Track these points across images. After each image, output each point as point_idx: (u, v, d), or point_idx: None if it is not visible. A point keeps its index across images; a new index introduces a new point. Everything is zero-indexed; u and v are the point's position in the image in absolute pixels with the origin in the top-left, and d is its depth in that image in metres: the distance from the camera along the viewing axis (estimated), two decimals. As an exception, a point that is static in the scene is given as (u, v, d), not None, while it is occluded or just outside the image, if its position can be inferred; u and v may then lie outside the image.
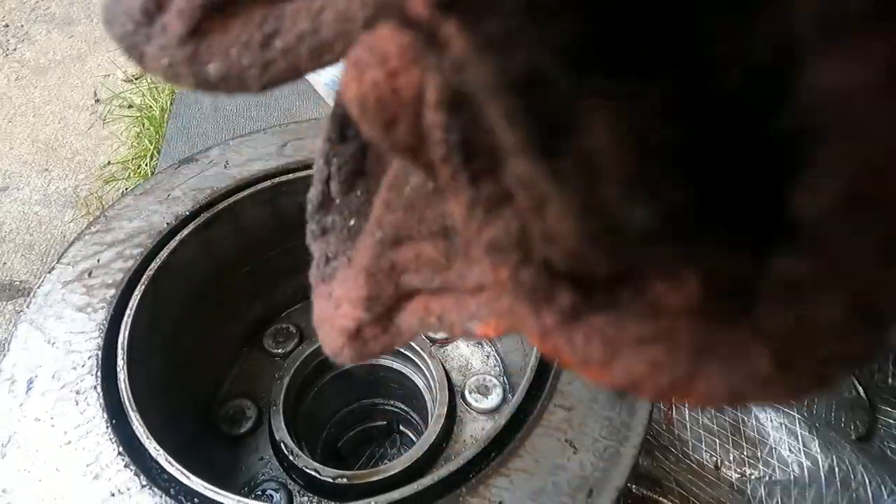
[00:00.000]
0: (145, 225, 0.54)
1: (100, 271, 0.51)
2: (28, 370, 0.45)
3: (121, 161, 1.71)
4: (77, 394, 0.44)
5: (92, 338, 0.47)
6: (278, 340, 0.66)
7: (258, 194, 0.57)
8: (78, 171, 1.72)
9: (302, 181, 0.59)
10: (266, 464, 0.58)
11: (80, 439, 0.42)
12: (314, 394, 0.65)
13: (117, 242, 0.52)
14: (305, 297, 0.70)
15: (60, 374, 0.45)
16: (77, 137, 1.81)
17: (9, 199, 1.65)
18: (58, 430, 0.42)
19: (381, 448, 0.78)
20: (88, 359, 0.45)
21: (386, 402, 0.73)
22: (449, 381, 0.60)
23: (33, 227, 1.59)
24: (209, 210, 0.55)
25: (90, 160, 1.75)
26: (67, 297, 0.49)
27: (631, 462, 0.41)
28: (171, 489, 0.40)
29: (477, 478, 0.40)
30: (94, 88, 1.96)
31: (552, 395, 0.44)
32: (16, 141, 1.80)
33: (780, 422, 0.80)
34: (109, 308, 0.48)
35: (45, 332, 0.47)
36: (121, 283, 0.50)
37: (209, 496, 0.39)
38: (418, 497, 0.39)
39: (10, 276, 1.49)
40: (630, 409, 0.43)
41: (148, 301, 0.50)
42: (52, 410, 0.43)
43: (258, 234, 0.61)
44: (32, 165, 1.73)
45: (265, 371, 0.64)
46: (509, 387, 0.63)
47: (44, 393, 0.44)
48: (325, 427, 0.70)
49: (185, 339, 0.56)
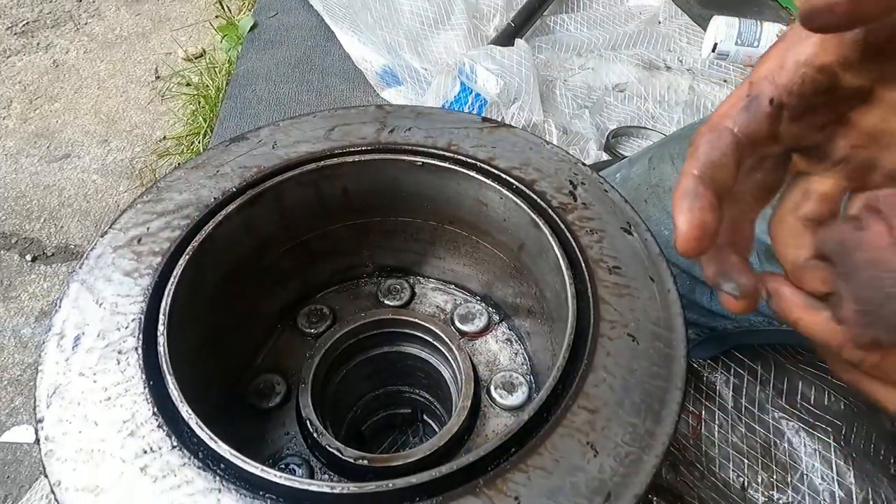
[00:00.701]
0: (194, 198, 0.56)
1: (148, 239, 0.53)
2: (76, 327, 0.47)
3: (175, 136, 1.77)
4: (119, 353, 0.46)
5: (136, 302, 0.49)
6: (312, 321, 0.67)
7: (302, 176, 0.58)
8: (135, 143, 1.79)
9: (347, 166, 0.60)
10: (291, 439, 0.60)
11: (118, 397, 0.44)
12: (342, 376, 0.66)
13: (166, 213, 0.54)
14: (341, 281, 0.71)
15: (105, 333, 0.47)
16: (137, 111, 1.88)
17: (70, 167, 1.73)
18: (99, 387, 0.44)
19: (404, 436, 0.79)
20: (132, 321, 0.48)
21: (411, 390, 0.74)
22: (475, 374, 0.60)
23: (90, 194, 1.66)
24: (255, 188, 0.57)
25: (147, 134, 1.82)
26: (117, 262, 0.51)
27: (652, 471, 0.40)
28: (199, 452, 0.42)
29: (495, 471, 0.40)
30: (156, 65, 2.03)
31: (577, 396, 0.43)
32: (80, 111, 1.89)
33: (815, 448, 0.78)
34: (154, 275, 0.50)
35: (95, 292, 0.49)
36: (167, 252, 0.52)
37: (235, 462, 0.41)
38: (436, 483, 0.40)
39: (66, 239, 1.57)
40: (656, 418, 0.42)
41: (191, 271, 0.52)
42: (95, 367, 0.45)
43: (299, 215, 0.62)
44: (94, 136, 1.81)
45: (297, 349, 0.65)
46: (535, 386, 0.63)
47: (89, 350, 0.46)
48: (350, 409, 0.71)
49: (222, 310, 0.58)
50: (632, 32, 1.58)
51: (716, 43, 1.51)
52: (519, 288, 0.64)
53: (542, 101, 1.36)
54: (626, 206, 0.56)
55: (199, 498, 0.39)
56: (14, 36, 2.15)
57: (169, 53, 2.05)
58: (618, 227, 0.54)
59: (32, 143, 1.79)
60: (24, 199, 1.65)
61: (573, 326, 0.48)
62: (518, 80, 1.33)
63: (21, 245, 1.55)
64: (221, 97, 1.63)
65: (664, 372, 0.45)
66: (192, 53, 2.02)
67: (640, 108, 1.41)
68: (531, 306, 0.63)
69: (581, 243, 0.53)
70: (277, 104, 1.55)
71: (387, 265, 0.71)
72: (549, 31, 1.62)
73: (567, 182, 0.57)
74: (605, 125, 1.38)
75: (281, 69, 1.63)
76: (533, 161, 0.59)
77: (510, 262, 0.63)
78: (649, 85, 1.44)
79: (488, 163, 0.59)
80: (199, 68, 1.89)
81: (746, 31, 1.51)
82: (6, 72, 2.02)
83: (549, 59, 1.52)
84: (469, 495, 0.39)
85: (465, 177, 0.59)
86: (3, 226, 1.58)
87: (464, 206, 0.62)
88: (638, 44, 1.57)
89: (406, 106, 0.64)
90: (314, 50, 1.67)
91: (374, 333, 0.66)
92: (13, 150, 1.77)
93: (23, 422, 1.23)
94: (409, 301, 0.70)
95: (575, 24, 1.62)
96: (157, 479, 0.40)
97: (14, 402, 1.26)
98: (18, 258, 1.52)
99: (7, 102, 1.91)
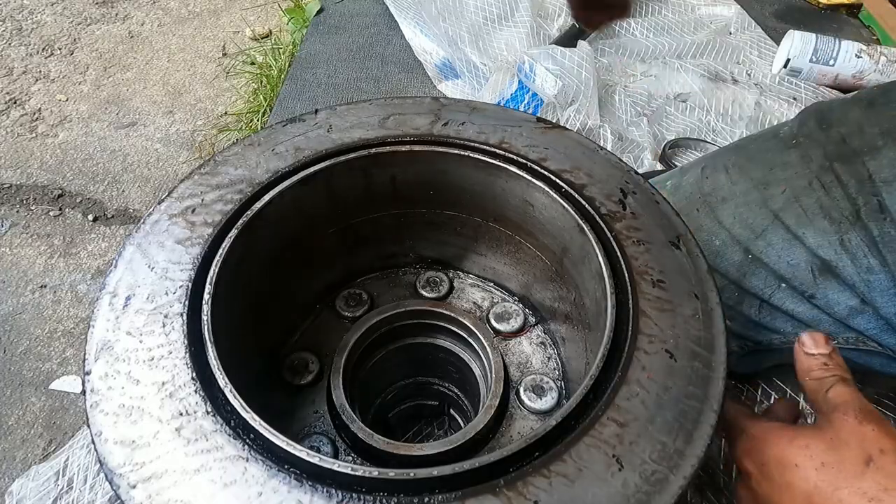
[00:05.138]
0: (248, 174, 0.57)
1: (202, 210, 0.54)
2: (128, 288, 0.49)
3: (236, 113, 1.82)
4: (165, 317, 0.48)
5: (185, 269, 0.51)
6: (350, 304, 0.68)
7: (354, 161, 0.59)
8: (198, 117, 1.85)
9: (398, 155, 0.60)
10: (319, 418, 0.61)
11: (161, 358, 0.45)
12: (374, 361, 0.67)
13: (221, 186, 0.56)
14: (382, 268, 0.72)
15: (154, 296, 0.49)
16: (202, 86, 1.94)
17: (136, 134, 1.81)
18: (144, 347, 0.46)
19: (429, 427, 0.79)
20: (180, 287, 0.49)
21: (441, 383, 0.74)
22: (506, 374, 0.60)
23: (152, 162, 1.73)
24: (306, 169, 0.58)
25: (209, 108, 1.88)
26: (171, 229, 0.53)
27: (678, 492, 0.39)
28: (231, 420, 0.43)
29: (517, 473, 0.40)
30: (224, 42, 2.09)
31: (607, 408, 0.43)
32: (149, 82, 1.96)
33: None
34: (204, 245, 0.52)
35: (148, 256, 0.51)
36: (218, 224, 0.53)
37: (264, 434, 0.42)
38: (457, 478, 0.40)
39: (126, 203, 1.64)
40: (687, 438, 0.41)
41: (239, 245, 0.53)
42: (142, 328, 0.47)
43: (347, 199, 0.63)
44: (160, 106, 1.88)
45: (333, 330, 0.66)
46: (565, 392, 0.62)
47: (138, 311, 0.48)
48: (379, 395, 0.72)
49: (265, 286, 0.59)
50: (700, 42, 1.53)
51: (788, 58, 1.45)
52: (558, 292, 0.63)
53: (599, 106, 1.33)
54: (677, 218, 0.54)
55: (227, 464, 0.40)
56: (95, 5, 2.25)
57: (237, 32, 2.11)
58: (666, 240, 0.53)
59: (103, 108, 1.87)
60: (91, 161, 1.73)
61: (610, 337, 0.47)
62: (577, 83, 1.31)
63: (84, 205, 1.62)
64: (283, 78, 1.67)
65: (700, 392, 0.44)
66: (258, 33, 2.08)
67: (701, 120, 1.37)
68: (569, 312, 0.62)
69: (626, 253, 0.52)
70: (336, 89, 1.57)
71: (428, 256, 0.72)
72: (614, 35, 1.58)
73: (618, 190, 0.56)
74: (662, 135, 1.35)
75: (342, 54, 1.66)
76: (584, 165, 0.58)
77: (552, 265, 0.63)
78: (713, 97, 1.39)
79: (539, 163, 0.58)
80: (264, 48, 1.93)
81: (823, 48, 1.44)
82: (85, 39, 2.11)
83: (612, 63, 1.49)
84: (489, 494, 0.39)
85: (513, 175, 0.58)
86: (71, 185, 1.67)
87: (510, 205, 0.62)
88: (705, 54, 1.53)
89: (461, 100, 0.64)
90: (376, 38, 1.69)
91: (409, 323, 0.66)
92: (85, 114, 1.86)
93: (71, 372, 1.30)
94: (447, 294, 0.70)
95: (641, 30, 1.58)
96: (189, 441, 0.41)
97: (66, 353, 1.33)
98: (81, 217, 1.60)
99: (84, 68, 2.00)
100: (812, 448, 0.45)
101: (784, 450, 0.46)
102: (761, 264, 0.67)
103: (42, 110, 1.87)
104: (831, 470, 0.43)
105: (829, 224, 0.63)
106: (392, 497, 0.39)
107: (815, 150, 0.67)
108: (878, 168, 0.62)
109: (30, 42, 2.10)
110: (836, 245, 0.63)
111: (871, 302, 0.62)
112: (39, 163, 1.72)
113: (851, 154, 0.64)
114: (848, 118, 0.67)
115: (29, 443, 1.19)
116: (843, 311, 0.64)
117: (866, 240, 0.61)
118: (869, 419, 0.44)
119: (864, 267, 0.62)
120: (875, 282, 0.61)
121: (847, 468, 0.43)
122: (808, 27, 1.53)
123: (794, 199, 0.66)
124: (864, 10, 1.71)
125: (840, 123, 0.67)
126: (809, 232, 0.64)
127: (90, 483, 0.80)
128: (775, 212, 0.67)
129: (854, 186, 0.63)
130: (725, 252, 0.69)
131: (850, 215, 0.62)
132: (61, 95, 1.91)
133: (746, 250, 0.68)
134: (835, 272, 0.63)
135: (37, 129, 1.82)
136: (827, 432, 0.45)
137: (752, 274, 0.68)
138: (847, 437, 0.44)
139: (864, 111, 0.66)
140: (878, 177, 0.61)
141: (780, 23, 1.65)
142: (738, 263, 0.69)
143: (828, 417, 0.46)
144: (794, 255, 0.65)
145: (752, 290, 0.69)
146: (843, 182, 0.63)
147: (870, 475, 0.42)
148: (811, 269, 0.63)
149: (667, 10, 1.63)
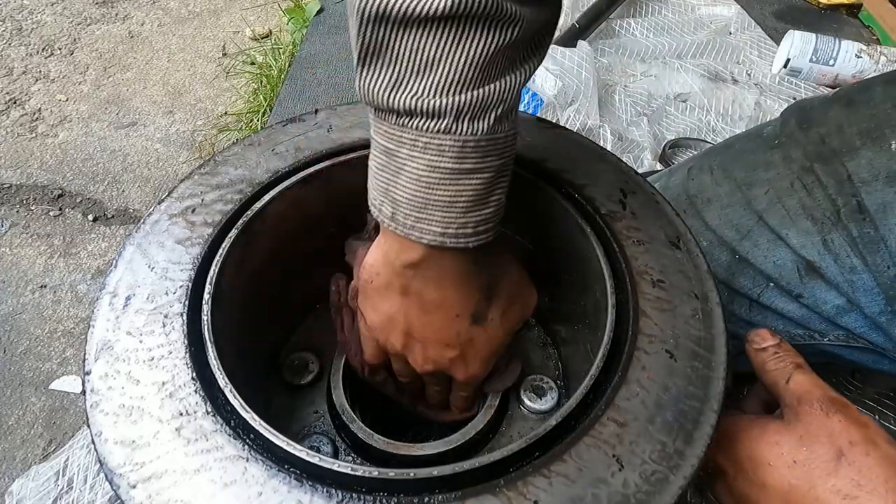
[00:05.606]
0: (248, 174, 0.57)
1: (202, 210, 0.54)
2: (128, 287, 0.49)
3: (236, 113, 1.82)
4: (165, 317, 0.48)
5: (185, 269, 0.51)
6: (350, 304, 0.68)
7: (353, 161, 0.59)
8: (198, 117, 1.85)
9: (397, 155, 0.60)
10: (319, 418, 0.61)
11: (161, 358, 0.45)
12: (374, 361, 0.67)
13: (221, 186, 0.56)
14: (382, 268, 0.72)
15: (154, 296, 0.49)
16: (202, 86, 1.94)
17: (135, 134, 1.80)
18: (144, 347, 0.46)
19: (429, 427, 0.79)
20: (180, 287, 0.49)
21: (441, 383, 0.74)
22: (506, 374, 0.60)
23: (152, 162, 1.73)
24: (306, 169, 0.58)
25: (209, 108, 1.87)
26: (171, 229, 0.53)
27: (678, 492, 0.39)
28: (231, 420, 0.43)
29: (517, 472, 0.40)
30: (224, 42, 2.09)
31: (607, 408, 0.43)
32: (149, 82, 1.96)
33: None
34: (205, 245, 0.52)
35: (148, 256, 0.51)
36: (218, 224, 0.53)
37: (264, 434, 0.42)
38: (457, 478, 0.40)
39: (126, 203, 1.63)
40: (687, 438, 0.41)
41: (239, 245, 0.53)
42: (143, 328, 0.47)
43: (346, 199, 0.63)
44: (160, 106, 1.88)
45: (334, 329, 0.66)
46: (565, 393, 0.62)
47: (138, 311, 0.48)
48: (379, 395, 0.72)
49: (265, 286, 0.59)
50: (700, 42, 1.53)
51: (788, 58, 1.45)
52: (558, 292, 0.63)
53: (599, 106, 1.33)
54: (677, 219, 0.54)
55: (227, 464, 0.40)
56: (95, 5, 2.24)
57: (237, 32, 2.11)
58: (666, 240, 0.53)
59: (103, 108, 1.87)
60: (90, 161, 1.72)
61: (610, 337, 0.47)
62: (577, 83, 1.31)
63: (84, 205, 1.62)
64: (283, 78, 1.67)
65: (700, 393, 0.44)
66: (258, 33, 2.08)
67: (701, 120, 1.37)
68: (569, 312, 0.62)
69: (626, 253, 0.52)
70: (336, 89, 1.57)
71: (428, 257, 0.72)
72: (614, 35, 1.58)
73: (618, 190, 0.56)
74: (662, 135, 1.35)
75: (342, 54, 1.66)
76: (584, 166, 0.58)
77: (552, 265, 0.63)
78: (713, 97, 1.39)
79: (538, 164, 0.58)
80: (264, 48, 1.93)
81: (823, 48, 1.44)
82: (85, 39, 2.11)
83: (612, 63, 1.49)
84: (489, 494, 0.39)
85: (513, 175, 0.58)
86: (71, 185, 1.67)
87: (509, 205, 0.62)
88: (705, 54, 1.53)
89: (462, 100, 0.64)
90: (376, 38, 1.69)
91: (409, 323, 0.66)
92: (85, 114, 1.86)
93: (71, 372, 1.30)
94: (447, 294, 0.70)
95: (641, 30, 1.58)
96: (189, 441, 0.41)
97: (66, 353, 1.33)
98: (81, 217, 1.59)
99: (84, 68, 2.00)
100: (782, 445, 0.44)
101: (755, 448, 0.46)
102: (748, 265, 0.67)
103: (42, 110, 1.87)
104: (804, 468, 0.43)
105: (812, 224, 0.63)
106: (392, 497, 0.39)
107: (796, 150, 0.67)
108: (857, 168, 0.62)
109: (30, 42, 2.10)
110: (819, 245, 0.63)
111: (856, 301, 0.62)
112: (39, 163, 1.72)
113: (831, 154, 0.64)
114: (827, 118, 0.67)
115: (29, 443, 1.19)
116: (831, 309, 0.64)
117: (847, 240, 0.61)
118: (834, 408, 0.44)
119: (847, 267, 0.62)
120: (858, 282, 0.61)
121: (819, 465, 0.42)
122: (808, 27, 1.53)
123: (776, 199, 0.66)
124: (864, 10, 1.71)
125: (820, 123, 0.67)
126: (793, 232, 0.64)
127: (90, 483, 0.80)
128: (759, 213, 0.67)
129: (834, 187, 0.63)
130: (713, 253, 0.69)
131: (831, 216, 0.62)
132: (61, 95, 1.91)
133: (733, 251, 0.68)
134: (819, 272, 0.63)
135: (37, 129, 1.82)
136: (796, 428, 0.45)
137: (740, 274, 0.68)
138: (816, 432, 0.44)
139: (843, 110, 0.66)
140: (856, 177, 0.61)
141: (780, 23, 1.65)
142: (727, 264, 0.69)
143: (794, 411, 0.46)
144: (780, 256, 0.65)
145: (741, 291, 0.69)
146: (823, 183, 0.63)
147: (843, 471, 0.42)
148: (797, 269, 0.63)
149: (667, 10, 1.63)
